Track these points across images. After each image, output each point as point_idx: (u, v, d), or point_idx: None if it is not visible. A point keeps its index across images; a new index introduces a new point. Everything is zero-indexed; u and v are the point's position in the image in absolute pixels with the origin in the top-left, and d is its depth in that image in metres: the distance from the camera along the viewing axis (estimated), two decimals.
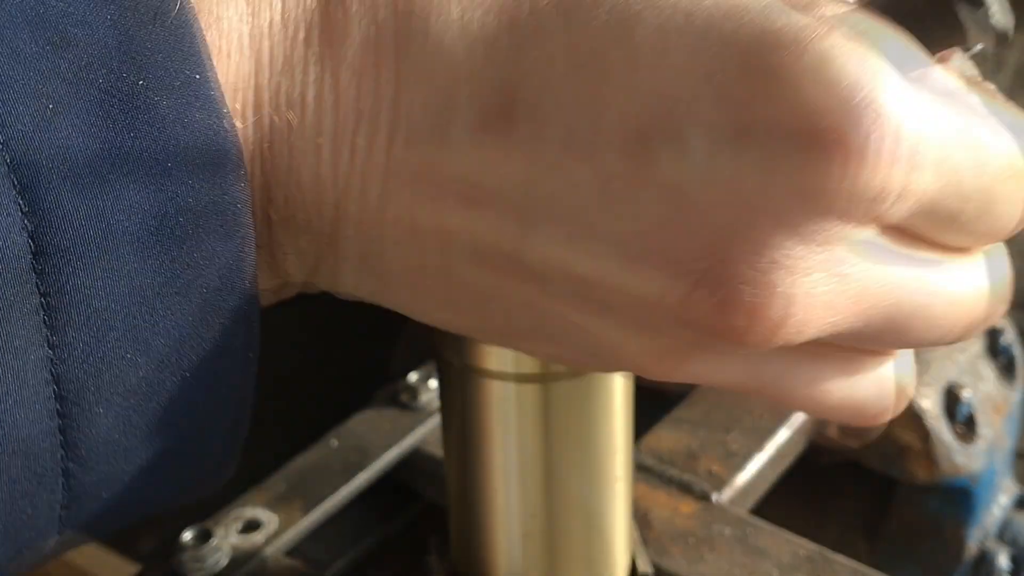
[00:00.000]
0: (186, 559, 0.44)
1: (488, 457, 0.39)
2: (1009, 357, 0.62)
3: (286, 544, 0.47)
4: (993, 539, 0.61)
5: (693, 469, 0.51)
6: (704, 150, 0.24)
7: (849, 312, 0.26)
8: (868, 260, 0.25)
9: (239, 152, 0.26)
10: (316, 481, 0.50)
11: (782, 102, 0.24)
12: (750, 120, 0.24)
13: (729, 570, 0.45)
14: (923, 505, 0.60)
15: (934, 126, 0.24)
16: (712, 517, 0.48)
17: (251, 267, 0.27)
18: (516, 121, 0.26)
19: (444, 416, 0.41)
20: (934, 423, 0.55)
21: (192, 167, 0.25)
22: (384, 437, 0.53)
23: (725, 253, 0.25)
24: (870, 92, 0.23)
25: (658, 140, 0.24)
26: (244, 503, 0.48)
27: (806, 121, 0.24)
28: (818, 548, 0.46)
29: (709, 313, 0.25)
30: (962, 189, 0.25)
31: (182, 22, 0.25)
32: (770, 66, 0.24)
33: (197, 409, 0.28)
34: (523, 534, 0.40)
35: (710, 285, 0.25)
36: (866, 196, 0.24)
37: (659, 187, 0.25)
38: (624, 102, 0.25)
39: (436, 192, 0.27)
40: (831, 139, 0.23)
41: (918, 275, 0.26)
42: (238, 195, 0.26)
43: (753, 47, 0.24)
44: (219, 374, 0.27)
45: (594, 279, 0.26)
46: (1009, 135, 0.26)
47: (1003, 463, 0.61)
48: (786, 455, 0.55)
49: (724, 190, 0.24)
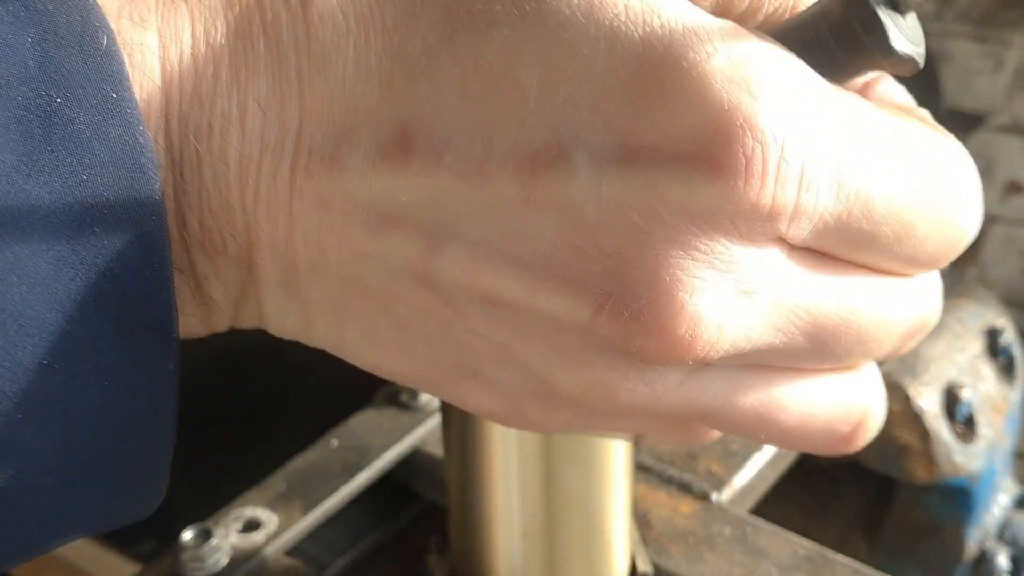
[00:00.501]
0: (186, 559, 0.44)
1: (488, 457, 0.39)
2: (1009, 357, 0.62)
3: (286, 544, 0.47)
4: (993, 539, 0.61)
5: (693, 469, 0.51)
6: (592, 174, 0.25)
7: (763, 329, 0.26)
8: (777, 278, 0.26)
9: (155, 168, 0.27)
10: (316, 481, 0.50)
11: (664, 127, 0.24)
12: (635, 145, 0.25)
13: (729, 570, 0.45)
14: (923, 505, 0.60)
15: (829, 149, 0.25)
16: (712, 517, 0.48)
17: (167, 279, 0.27)
18: (413, 151, 0.27)
19: (444, 416, 0.41)
20: (934, 423, 0.55)
21: (109, 180, 0.26)
22: (384, 437, 0.53)
23: (624, 274, 0.25)
24: (749, 115, 0.24)
25: (548, 166, 0.25)
26: (244, 503, 0.48)
27: (687, 144, 0.24)
28: (818, 548, 0.46)
29: (618, 334, 0.26)
30: (871, 213, 0.25)
31: (102, 47, 0.26)
32: (652, 93, 0.25)
33: (115, 419, 0.28)
34: (523, 534, 0.40)
35: (615, 306, 0.26)
36: (754, 215, 0.24)
37: (553, 209, 0.26)
38: (514, 131, 0.26)
39: (341, 218, 0.28)
40: (711, 160, 0.24)
41: (838, 294, 0.27)
42: (154, 208, 0.27)
43: (636, 76, 0.25)
44: (137, 386, 0.28)
45: (505, 300, 0.27)
46: (925, 161, 0.26)
47: (1003, 463, 0.61)
48: (786, 455, 0.55)
49: (614, 212, 0.25)
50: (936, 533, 0.60)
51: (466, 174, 0.26)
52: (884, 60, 0.25)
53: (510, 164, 0.26)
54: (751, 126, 0.24)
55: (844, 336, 0.27)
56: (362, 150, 0.27)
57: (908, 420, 0.55)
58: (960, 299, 0.62)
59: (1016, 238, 1.52)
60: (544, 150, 0.26)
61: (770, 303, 0.26)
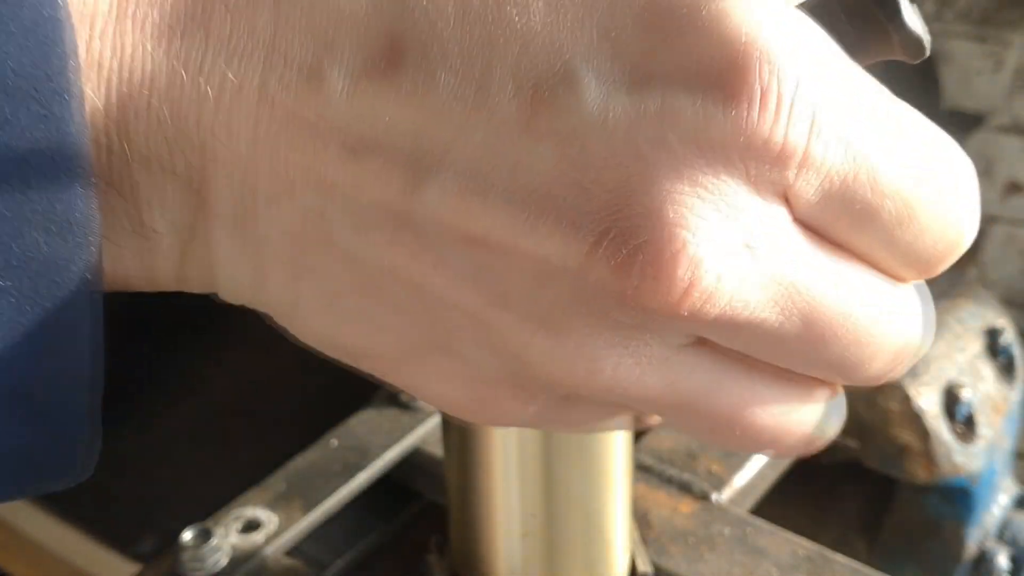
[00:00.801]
0: (186, 559, 0.44)
1: (488, 457, 0.39)
2: (1009, 357, 0.62)
3: (286, 544, 0.47)
4: (993, 539, 0.61)
5: (693, 469, 0.51)
6: (600, 100, 0.24)
7: (762, 295, 0.25)
8: (780, 242, 0.25)
9: (70, 48, 0.24)
10: (316, 481, 0.50)
11: (680, 54, 0.24)
12: (647, 71, 0.24)
13: (729, 570, 0.45)
14: (923, 505, 0.60)
15: (841, 108, 0.24)
16: (712, 517, 0.48)
17: (79, 172, 0.25)
18: (403, 67, 0.25)
19: (444, 416, 0.41)
20: (934, 423, 0.55)
21: (14, 50, 0.23)
22: (384, 437, 0.53)
23: (625, 208, 0.24)
24: (767, 50, 0.23)
25: (553, 90, 0.24)
26: (244, 503, 0.48)
27: (703, 71, 0.24)
28: (817, 548, 0.46)
29: (612, 276, 0.24)
30: (876, 183, 0.25)
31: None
32: (669, 20, 0.24)
33: (19, 333, 0.25)
34: (523, 533, 0.40)
35: (612, 244, 0.24)
36: (765, 152, 0.24)
37: (554, 138, 0.24)
38: (517, 52, 0.24)
39: (314, 141, 0.25)
40: (727, 87, 0.23)
41: (839, 281, 0.26)
42: (62, 91, 0.24)
43: (653, 2, 0.24)
44: (46, 296, 0.25)
45: (490, 243, 0.25)
46: (931, 150, 0.26)
47: (1003, 463, 0.61)
48: None
49: (621, 141, 0.24)
50: (936, 533, 0.60)
51: (461, 95, 0.24)
52: (896, 35, 0.25)
53: (510, 87, 0.24)
54: (768, 60, 0.23)
55: (840, 333, 0.26)
56: (345, 63, 0.25)
57: (908, 420, 0.55)
58: (960, 299, 0.62)
59: (1016, 238, 1.52)
60: (548, 73, 0.24)
61: (771, 269, 0.25)
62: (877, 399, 0.56)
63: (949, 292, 0.62)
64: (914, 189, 0.25)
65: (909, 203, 0.26)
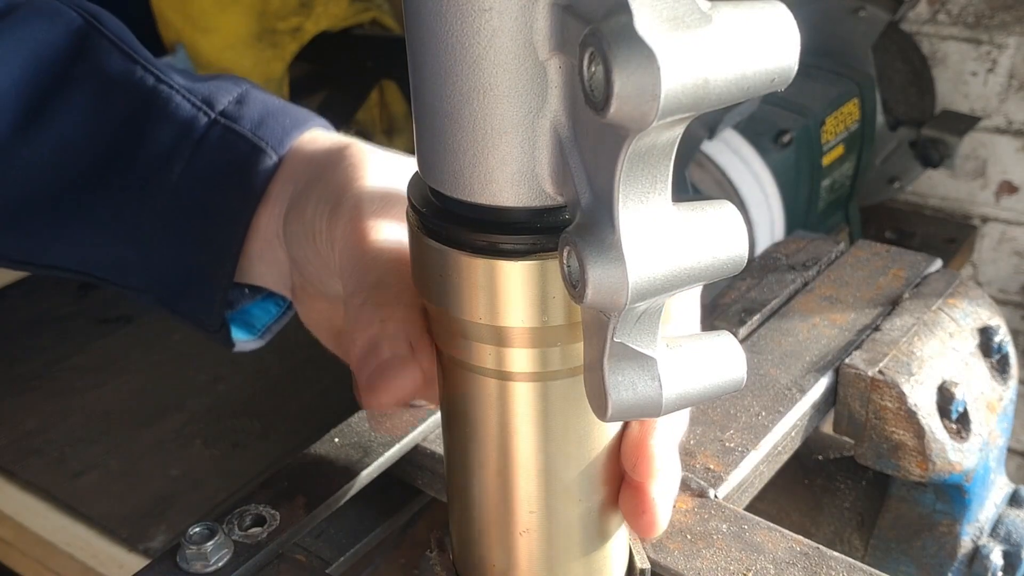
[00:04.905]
0: (191, 555, 0.45)
1: (487, 454, 0.40)
2: (1002, 355, 0.62)
3: (289, 540, 0.48)
4: (987, 535, 0.62)
5: (690, 466, 0.52)
6: None
7: None
8: None
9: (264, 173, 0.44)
10: (318, 478, 0.50)
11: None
12: None
13: (725, 566, 0.46)
14: (917, 502, 0.61)
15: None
16: (709, 513, 0.49)
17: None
18: None
19: (444, 414, 0.42)
20: (928, 421, 0.56)
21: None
22: (385, 434, 0.53)
23: None
24: None
25: None
26: (248, 500, 0.49)
27: None
28: (813, 544, 0.47)
29: None
30: None
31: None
32: None
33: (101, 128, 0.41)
34: (522, 530, 0.41)
35: None
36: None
37: None
38: None
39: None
40: None
41: None
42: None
43: None
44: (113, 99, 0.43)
45: None
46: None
47: (996, 460, 0.62)
48: (782, 452, 0.55)
49: None
50: (930, 530, 0.61)
51: None
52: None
53: None
54: None
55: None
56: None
57: (902, 418, 0.55)
58: (953, 298, 0.63)
59: (1009, 237, 1.52)
60: None
61: None
62: (872, 397, 0.56)
63: (943, 291, 0.62)
64: None
65: None
